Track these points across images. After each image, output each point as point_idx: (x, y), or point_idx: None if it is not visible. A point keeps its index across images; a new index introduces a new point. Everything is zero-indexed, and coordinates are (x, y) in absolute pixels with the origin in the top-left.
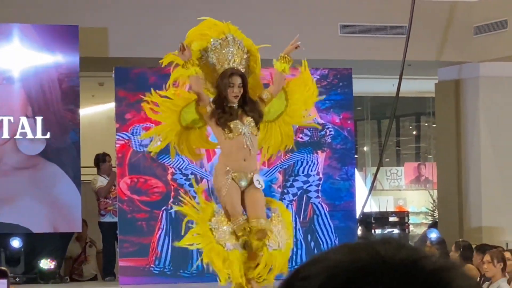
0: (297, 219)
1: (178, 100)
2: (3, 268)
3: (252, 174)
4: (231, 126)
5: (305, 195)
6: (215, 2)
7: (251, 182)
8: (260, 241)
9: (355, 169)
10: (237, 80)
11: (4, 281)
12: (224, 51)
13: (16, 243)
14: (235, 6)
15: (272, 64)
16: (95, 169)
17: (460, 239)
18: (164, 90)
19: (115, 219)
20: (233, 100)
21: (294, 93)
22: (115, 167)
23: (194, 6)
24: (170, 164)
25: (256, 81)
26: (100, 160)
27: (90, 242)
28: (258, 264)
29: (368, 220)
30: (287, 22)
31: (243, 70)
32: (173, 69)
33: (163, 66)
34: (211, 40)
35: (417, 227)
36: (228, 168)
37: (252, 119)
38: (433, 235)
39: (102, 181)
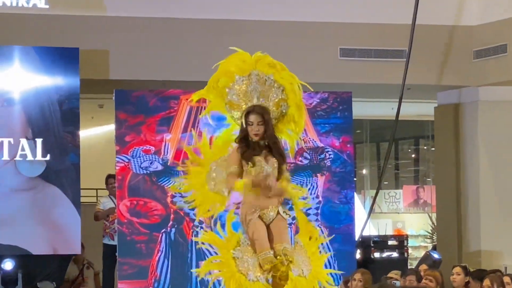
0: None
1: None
2: None
3: (277, 208)
4: (255, 161)
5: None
6: (214, 27)
7: (277, 215)
8: (285, 266)
9: (354, 192)
10: (256, 119)
11: None
12: (247, 89)
13: (8, 265)
14: (233, 30)
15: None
16: (95, 191)
17: (465, 264)
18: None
19: (111, 242)
20: (254, 138)
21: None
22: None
23: (195, 30)
24: (169, 187)
25: (295, 117)
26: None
27: (87, 263)
28: None
29: (367, 244)
30: (288, 45)
31: (272, 107)
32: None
33: (193, 103)
34: (235, 77)
35: (416, 250)
36: (254, 207)
37: (276, 160)
38: (436, 255)
39: (104, 204)
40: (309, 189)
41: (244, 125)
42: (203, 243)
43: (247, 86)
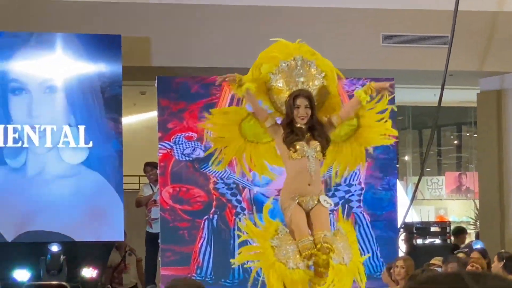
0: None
1: (233, 115)
2: (63, 283)
3: (317, 196)
4: (297, 146)
5: (347, 205)
6: (255, 13)
7: (317, 203)
8: (326, 254)
9: (397, 179)
10: (303, 102)
11: None
12: (292, 74)
13: (55, 248)
14: (274, 17)
15: None
16: (137, 177)
17: (503, 250)
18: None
19: (150, 230)
20: (300, 122)
21: (366, 119)
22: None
23: (236, 16)
24: (212, 174)
25: (334, 102)
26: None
27: (129, 250)
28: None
29: (410, 230)
30: (330, 32)
31: (314, 92)
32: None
33: (242, 66)
34: (280, 62)
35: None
36: (293, 193)
37: (319, 143)
38: (479, 246)
39: (144, 191)
40: (351, 176)
41: (289, 109)
42: (243, 234)
43: (292, 70)
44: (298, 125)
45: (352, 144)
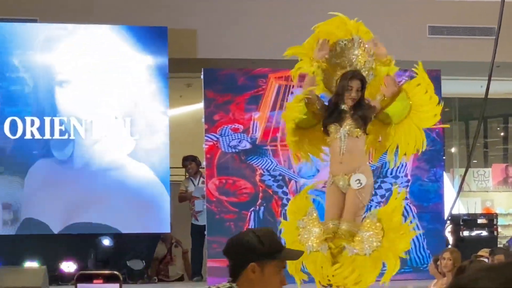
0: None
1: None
2: (115, 272)
3: (350, 175)
4: (330, 129)
5: None
6: (302, 5)
7: (348, 185)
8: (336, 245)
9: (443, 171)
10: (357, 84)
11: (116, 285)
12: (348, 53)
13: (106, 241)
14: (321, 8)
15: None
16: (184, 169)
17: None
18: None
19: (196, 222)
20: (349, 103)
21: (414, 96)
22: (203, 167)
23: (282, 8)
24: (258, 165)
25: (379, 84)
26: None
27: (175, 242)
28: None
29: (457, 222)
30: (376, 23)
31: (365, 73)
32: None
33: (288, 57)
34: (338, 40)
35: (505, 228)
36: (330, 173)
37: (353, 121)
38: None
39: (186, 184)
40: (398, 168)
41: (341, 89)
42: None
43: (348, 50)
44: (343, 106)
45: (410, 126)
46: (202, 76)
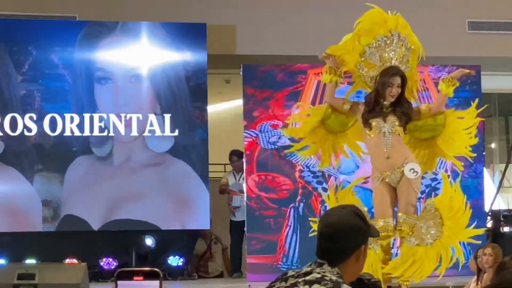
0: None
1: (314, 117)
2: (156, 269)
3: (401, 167)
4: (373, 124)
5: (433, 193)
6: (339, 1)
7: (402, 176)
8: (407, 231)
9: (483, 167)
10: (397, 81)
11: (157, 282)
12: (387, 49)
13: (149, 241)
14: (359, 4)
15: None
16: (223, 166)
17: None
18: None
19: (234, 218)
20: (390, 100)
21: (453, 123)
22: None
23: (321, 4)
24: (298, 162)
25: (412, 76)
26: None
27: (215, 239)
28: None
29: (497, 218)
30: (416, 19)
31: (403, 68)
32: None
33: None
34: (377, 37)
35: None
36: (376, 171)
37: (397, 118)
38: None
39: (228, 178)
40: (437, 163)
41: (381, 86)
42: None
43: (388, 46)
44: (385, 102)
45: (430, 147)
46: (241, 73)
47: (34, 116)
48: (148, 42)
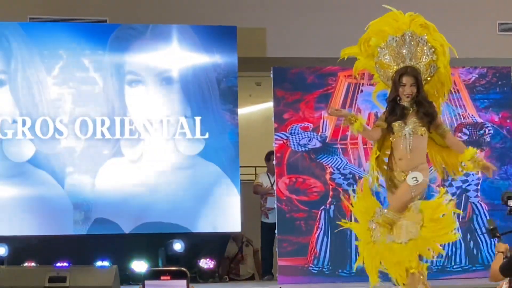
0: (456, 219)
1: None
2: (183, 269)
3: (406, 173)
4: (395, 127)
5: (464, 195)
6: (371, 3)
7: (404, 181)
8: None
9: None
10: (409, 80)
11: (184, 281)
12: (400, 50)
13: (178, 246)
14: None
15: None
16: (254, 168)
17: None
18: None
19: (266, 220)
20: (405, 99)
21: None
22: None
23: (351, 5)
24: (328, 164)
25: (442, 78)
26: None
27: (246, 241)
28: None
29: None
30: (446, 20)
31: (422, 68)
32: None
33: (345, 59)
34: (388, 37)
35: None
36: (401, 172)
37: (418, 119)
38: None
39: (262, 179)
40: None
41: (394, 86)
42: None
43: (400, 46)
44: (403, 102)
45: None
46: (271, 75)
47: (65, 119)
48: (179, 45)
